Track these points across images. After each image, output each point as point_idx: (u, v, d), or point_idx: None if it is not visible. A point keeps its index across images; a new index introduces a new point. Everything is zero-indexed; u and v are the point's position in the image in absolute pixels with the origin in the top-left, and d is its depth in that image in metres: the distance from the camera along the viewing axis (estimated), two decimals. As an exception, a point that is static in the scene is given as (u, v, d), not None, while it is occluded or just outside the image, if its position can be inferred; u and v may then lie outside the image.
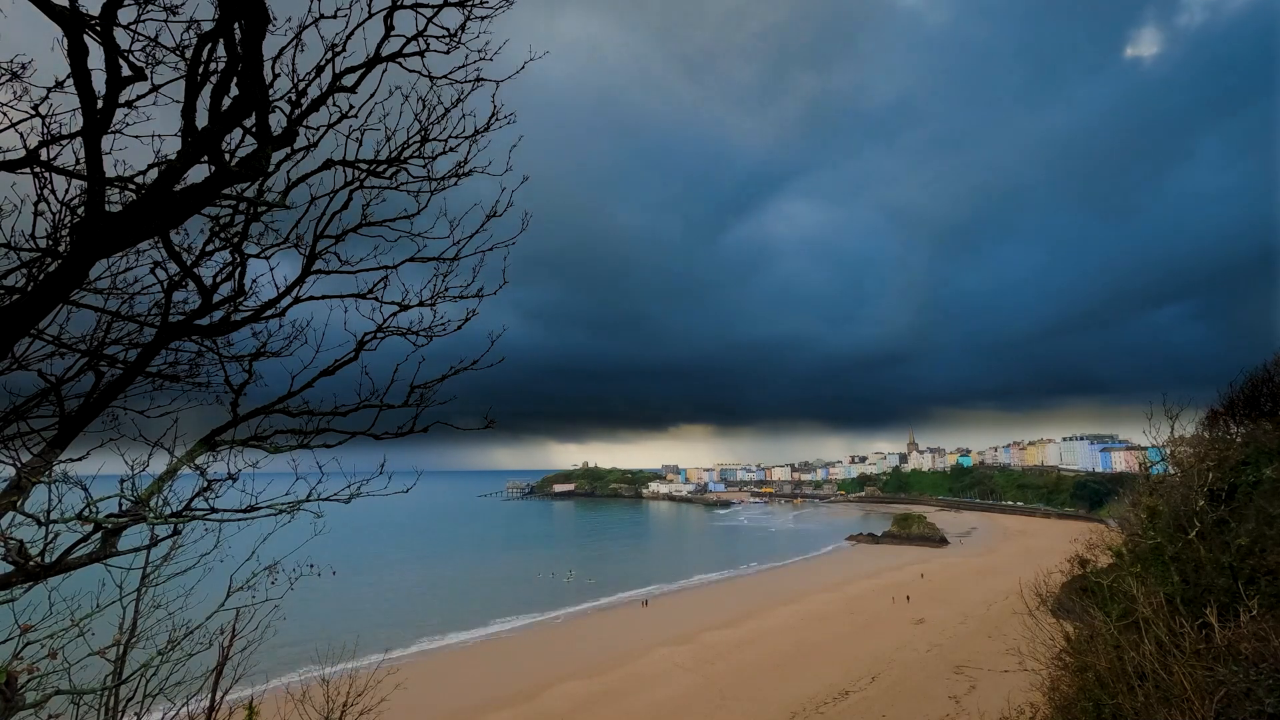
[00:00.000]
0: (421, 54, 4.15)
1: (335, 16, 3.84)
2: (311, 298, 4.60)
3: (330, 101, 3.98)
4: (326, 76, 3.86)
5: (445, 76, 4.21)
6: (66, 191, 3.96)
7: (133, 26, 3.43)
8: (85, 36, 2.90)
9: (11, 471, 3.54)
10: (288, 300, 4.44)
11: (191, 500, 4.29)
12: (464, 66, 4.20)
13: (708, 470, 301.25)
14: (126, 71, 3.18)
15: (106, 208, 3.12)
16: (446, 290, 4.95)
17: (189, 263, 4.04)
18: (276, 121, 3.64)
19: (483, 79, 4.25)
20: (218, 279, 4.23)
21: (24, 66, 3.63)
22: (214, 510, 4.30)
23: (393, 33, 4.01)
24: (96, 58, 2.96)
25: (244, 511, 4.32)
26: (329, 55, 3.93)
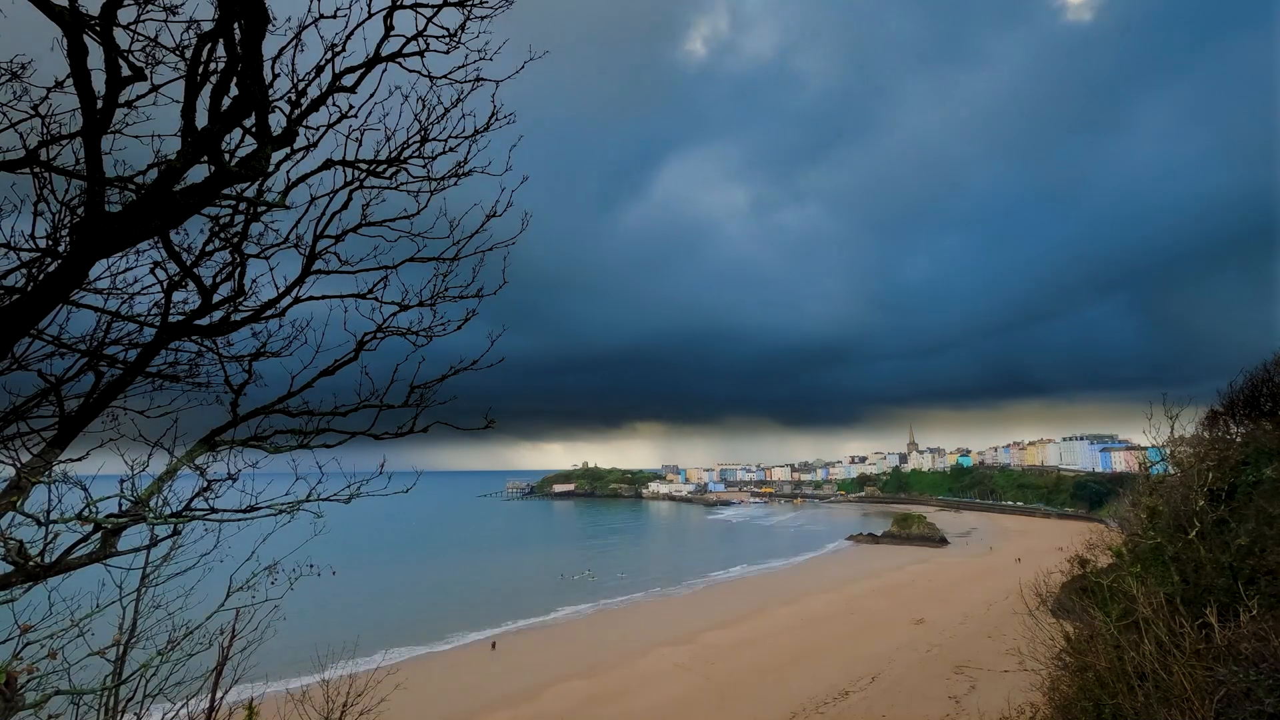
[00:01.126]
0: (421, 54, 4.15)
1: (335, 16, 3.84)
2: (311, 298, 4.60)
3: (330, 101, 3.98)
4: (326, 76, 3.86)
5: (445, 76, 4.21)
6: (66, 191, 3.96)
7: (132, 26, 3.43)
8: (85, 36, 2.90)
9: (11, 471, 3.54)
10: (287, 300, 4.44)
11: (191, 500, 4.30)
12: (464, 66, 4.20)
13: (707, 470, 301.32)
14: (126, 71, 3.18)
15: (106, 208, 3.13)
16: (446, 290, 4.95)
17: (189, 263, 4.04)
18: (276, 121, 3.64)
19: (482, 79, 4.26)
20: (217, 279, 4.23)
21: (24, 66, 3.63)
22: (214, 510, 4.30)
23: (392, 33, 4.02)
24: (96, 58, 2.96)
25: (244, 512, 4.32)
26: (329, 55, 3.93)
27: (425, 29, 4.08)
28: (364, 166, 4.40)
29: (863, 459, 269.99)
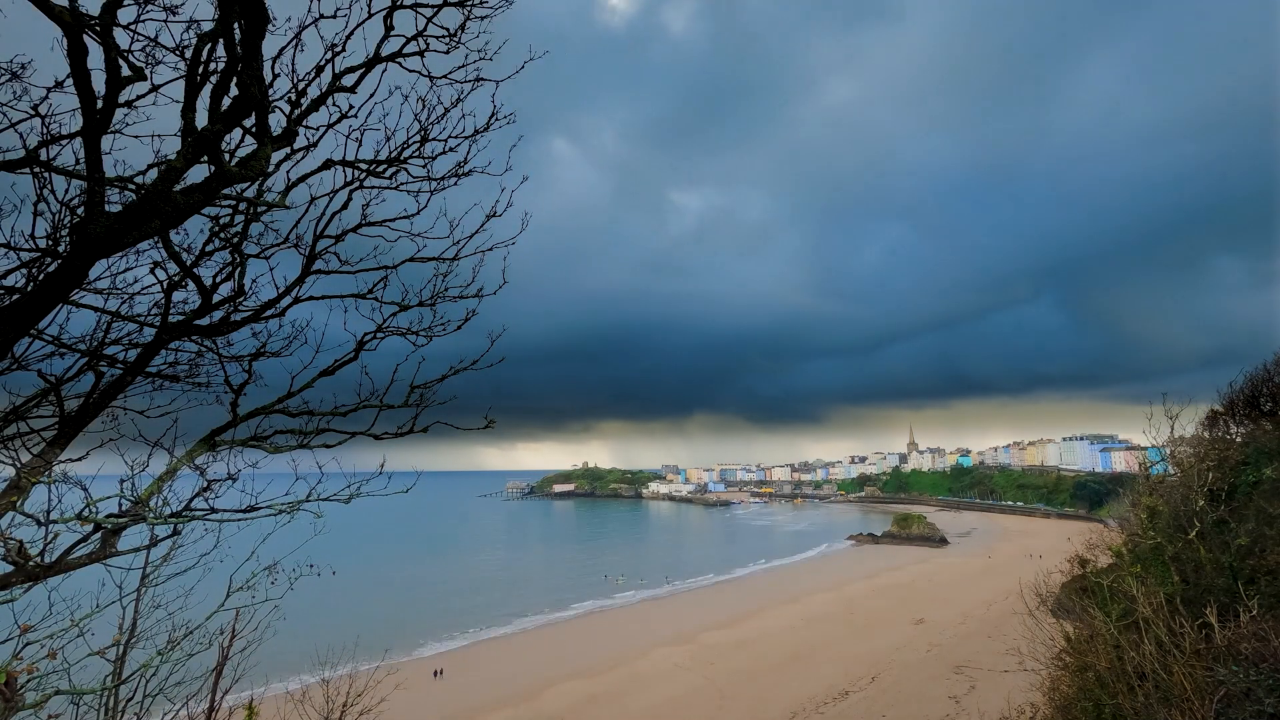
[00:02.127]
0: (421, 54, 4.15)
1: (335, 16, 3.84)
2: (311, 298, 4.60)
3: (330, 101, 3.98)
4: (326, 76, 3.86)
5: (445, 76, 4.21)
6: (66, 191, 3.96)
7: (132, 26, 3.43)
8: (85, 36, 2.90)
9: (11, 471, 3.54)
10: (287, 300, 4.44)
11: (191, 500, 4.29)
12: (463, 66, 4.20)
13: (708, 470, 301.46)
14: (126, 71, 3.18)
15: (106, 208, 3.13)
16: (446, 290, 4.95)
17: (189, 263, 4.04)
18: (276, 121, 3.64)
19: (482, 79, 4.26)
20: (217, 279, 4.23)
21: (24, 66, 3.63)
22: (214, 510, 4.30)
23: (392, 33, 4.02)
24: (96, 58, 2.96)
25: (244, 512, 4.32)
26: (329, 55, 3.93)
27: (425, 29, 4.08)
28: (364, 166, 4.40)
29: (863, 459, 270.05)
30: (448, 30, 4.12)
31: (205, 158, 3.20)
